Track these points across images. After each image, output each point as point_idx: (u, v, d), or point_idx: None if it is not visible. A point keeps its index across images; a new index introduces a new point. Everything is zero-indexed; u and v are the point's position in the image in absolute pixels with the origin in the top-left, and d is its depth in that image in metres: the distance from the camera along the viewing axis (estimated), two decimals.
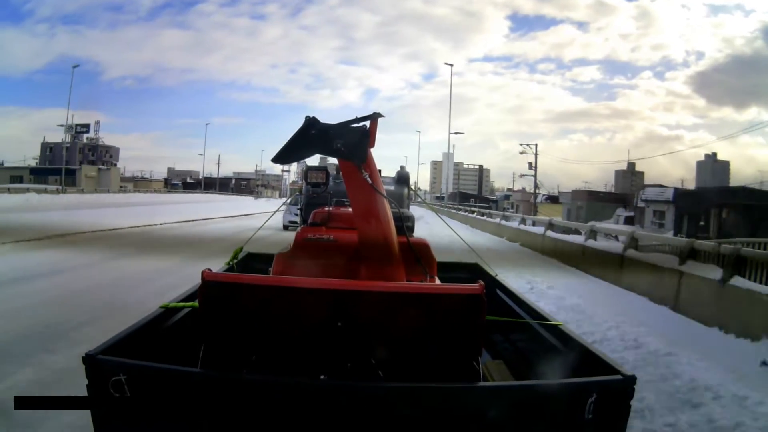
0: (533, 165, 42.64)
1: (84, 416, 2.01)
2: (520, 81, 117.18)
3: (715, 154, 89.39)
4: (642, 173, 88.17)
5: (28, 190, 31.58)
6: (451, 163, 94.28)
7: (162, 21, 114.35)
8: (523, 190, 62.09)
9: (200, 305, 2.17)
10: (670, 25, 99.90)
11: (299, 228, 3.36)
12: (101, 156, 69.89)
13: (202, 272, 2.11)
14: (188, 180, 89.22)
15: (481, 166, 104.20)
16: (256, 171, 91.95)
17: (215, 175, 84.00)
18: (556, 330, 2.82)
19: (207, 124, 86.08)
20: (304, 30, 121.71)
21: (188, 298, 2.89)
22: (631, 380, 2.01)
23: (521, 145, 44.23)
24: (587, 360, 2.33)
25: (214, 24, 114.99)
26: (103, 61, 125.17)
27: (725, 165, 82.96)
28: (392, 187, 6.28)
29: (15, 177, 49.25)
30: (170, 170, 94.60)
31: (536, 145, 43.91)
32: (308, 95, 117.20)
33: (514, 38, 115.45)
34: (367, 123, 2.43)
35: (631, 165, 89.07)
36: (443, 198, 43.10)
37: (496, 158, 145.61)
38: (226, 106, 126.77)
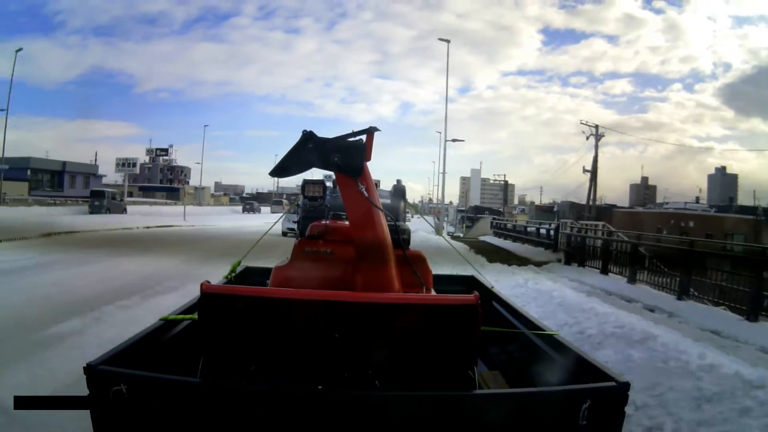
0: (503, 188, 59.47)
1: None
2: (553, 94, 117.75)
3: (724, 168, 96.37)
4: (654, 186, 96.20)
5: (175, 203, 44.83)
6: (478, 178, 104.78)
7: (196, 34, 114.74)
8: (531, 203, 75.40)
9: (199, 317, 2.21)
10: (697, 37, 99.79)
11: (297, 241, 3.43)
12: (177, 175, 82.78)
13: (201, 285, 2.15)
14: (243, 195, 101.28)
15: (505, 181, 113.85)
16: (297, 186, 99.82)
17: (259, 190, 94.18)
18: (551, 339, 2.86)
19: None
20: (339, 44, 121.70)
21: (188, 310, 2.95)
22: (625, 387, 2.05)
23: (494, 175, 62.02)
24: (582, 368, 2.37)
25: (248, 37, 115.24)
26: (138, 74, 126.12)
27: (734, 178, 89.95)
28: (388, 201, 6.63)
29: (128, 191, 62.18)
30: (217, 184, 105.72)
31: (504, 174, 61.80)
32: (343, 109, 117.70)
33: (547, 52, 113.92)
34: (364, 137, 2.51)
35: (644, 179, 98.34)
36: (464, 211, 55.17)
37: (531, 172, 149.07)
38: (261, 119, 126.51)
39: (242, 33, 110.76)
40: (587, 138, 27.57)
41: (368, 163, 2.57)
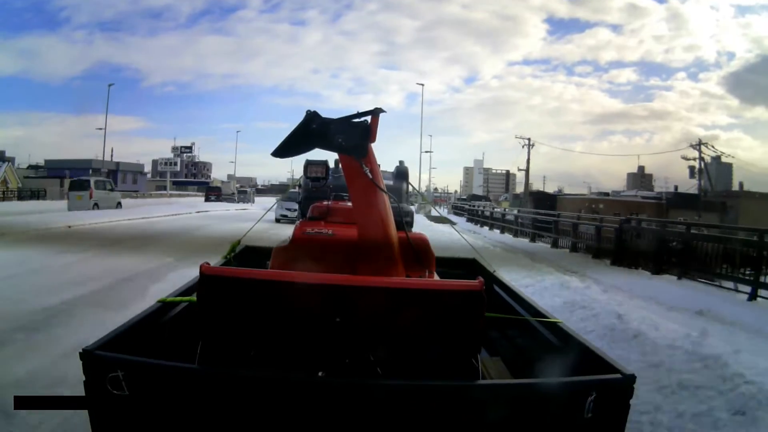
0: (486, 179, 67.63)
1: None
2: (559, 83, 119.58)
3: (718, 157, 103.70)
4: (650, 175, 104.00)
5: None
6: (480, 168, 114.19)
7: (202, 28, 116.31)
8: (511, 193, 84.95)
9: (198, 299, 2.25)
10: (700, 26, 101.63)
11: (298, 222, 3.42)
12: (201, 170, 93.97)
13: (201, 266, 2.19)
14: (259, 186, 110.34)
15: (507, 171, 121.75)
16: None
17: (272, 182, 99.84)
18: (554, 327, 2.88)
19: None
20: (345, 35, 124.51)
21: (185, 292, 2.99)
22: (631, 379, 2.07)
23: (492, 169, 68.44)
24: (586, 358, 2.40)
25: (254, 30, 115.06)
26: (144, 68, 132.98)
27: (728, 166, 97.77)
28: (391, 182, 6.85)
29: (160, 186, 73.23)
30: (230, 177, 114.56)
31: (490, 168, 70.05)
32: (350, 99, 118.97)
33: (552, 41, 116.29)
34: (368, 118, 2.54)
35: (641, 168, 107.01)
36: (465, 199, 64.38)
37: (537, 160, 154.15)
38: (268, 110, 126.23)
39: (248, 25, 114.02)
40: (522, 147, 38.36)
41: (374, 148, 2.58)
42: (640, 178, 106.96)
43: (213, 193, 48.27)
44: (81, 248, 10.52)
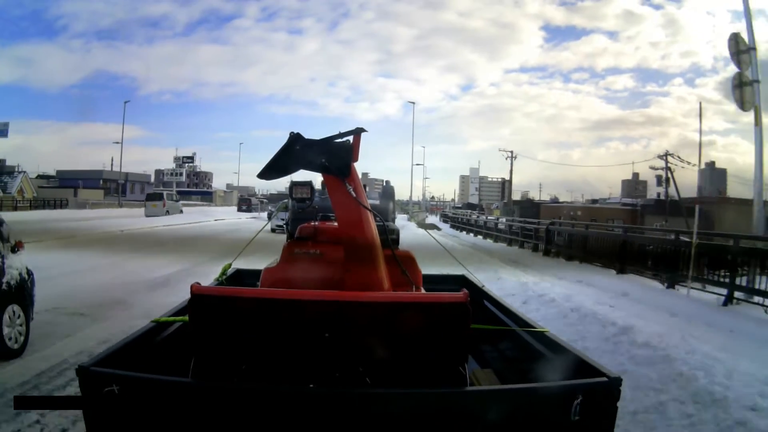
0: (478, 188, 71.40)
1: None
2: (556, 90, 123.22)
3: (713, 163, 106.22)
4: (645, 182, 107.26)
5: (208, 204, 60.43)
6: (476, 176, 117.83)
7: (199, 36, 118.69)
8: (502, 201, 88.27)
9: (190, 318, 2.32)
10: (696, 32, 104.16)
11: (286, 242, 3.63)
12: (202, 179, 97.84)
13: (191, 286, 2.26)
14: (259, 196, 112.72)
15: (503, 179, 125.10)
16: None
17: (271, 191, 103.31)
18: (542, 336, 3.00)
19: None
20: (342, 44, 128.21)
21: (179, 312, 3.10)
22: (617, 382, 2.15)
23: (472, 179, 71.69)
24: (574, 364, 2.49)
25: (251, 39, 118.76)
26: (141, 76, 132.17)
27: (722, 172, 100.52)
28: (377, 202, 7.16)
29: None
30: (229, 186, 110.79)
31: (479, 178, 74.02)
32: (347, 108, 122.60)
33: (548, 48, 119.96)
34: (350, 138, 2.66)
35: (635, 175, 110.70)
36: (460, 207, 68.15)
37: (534, 168, 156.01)
38: (265, 119, 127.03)
39: (245, 34, 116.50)
40: (506, 159, 42.27)
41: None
42: (635, 184, 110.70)
43: (245, 203, 57.26)
44: (162, 244, 16.54)
